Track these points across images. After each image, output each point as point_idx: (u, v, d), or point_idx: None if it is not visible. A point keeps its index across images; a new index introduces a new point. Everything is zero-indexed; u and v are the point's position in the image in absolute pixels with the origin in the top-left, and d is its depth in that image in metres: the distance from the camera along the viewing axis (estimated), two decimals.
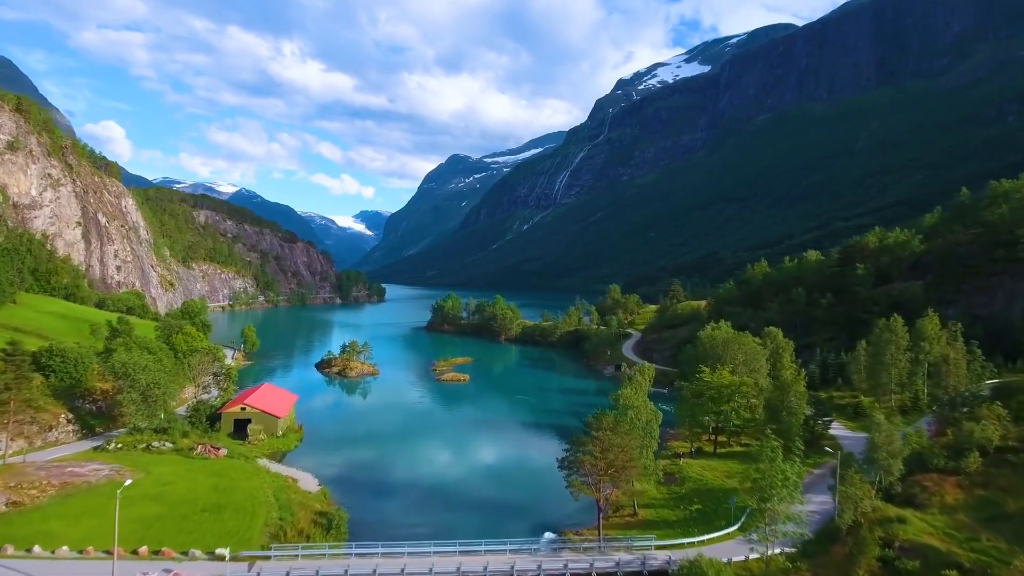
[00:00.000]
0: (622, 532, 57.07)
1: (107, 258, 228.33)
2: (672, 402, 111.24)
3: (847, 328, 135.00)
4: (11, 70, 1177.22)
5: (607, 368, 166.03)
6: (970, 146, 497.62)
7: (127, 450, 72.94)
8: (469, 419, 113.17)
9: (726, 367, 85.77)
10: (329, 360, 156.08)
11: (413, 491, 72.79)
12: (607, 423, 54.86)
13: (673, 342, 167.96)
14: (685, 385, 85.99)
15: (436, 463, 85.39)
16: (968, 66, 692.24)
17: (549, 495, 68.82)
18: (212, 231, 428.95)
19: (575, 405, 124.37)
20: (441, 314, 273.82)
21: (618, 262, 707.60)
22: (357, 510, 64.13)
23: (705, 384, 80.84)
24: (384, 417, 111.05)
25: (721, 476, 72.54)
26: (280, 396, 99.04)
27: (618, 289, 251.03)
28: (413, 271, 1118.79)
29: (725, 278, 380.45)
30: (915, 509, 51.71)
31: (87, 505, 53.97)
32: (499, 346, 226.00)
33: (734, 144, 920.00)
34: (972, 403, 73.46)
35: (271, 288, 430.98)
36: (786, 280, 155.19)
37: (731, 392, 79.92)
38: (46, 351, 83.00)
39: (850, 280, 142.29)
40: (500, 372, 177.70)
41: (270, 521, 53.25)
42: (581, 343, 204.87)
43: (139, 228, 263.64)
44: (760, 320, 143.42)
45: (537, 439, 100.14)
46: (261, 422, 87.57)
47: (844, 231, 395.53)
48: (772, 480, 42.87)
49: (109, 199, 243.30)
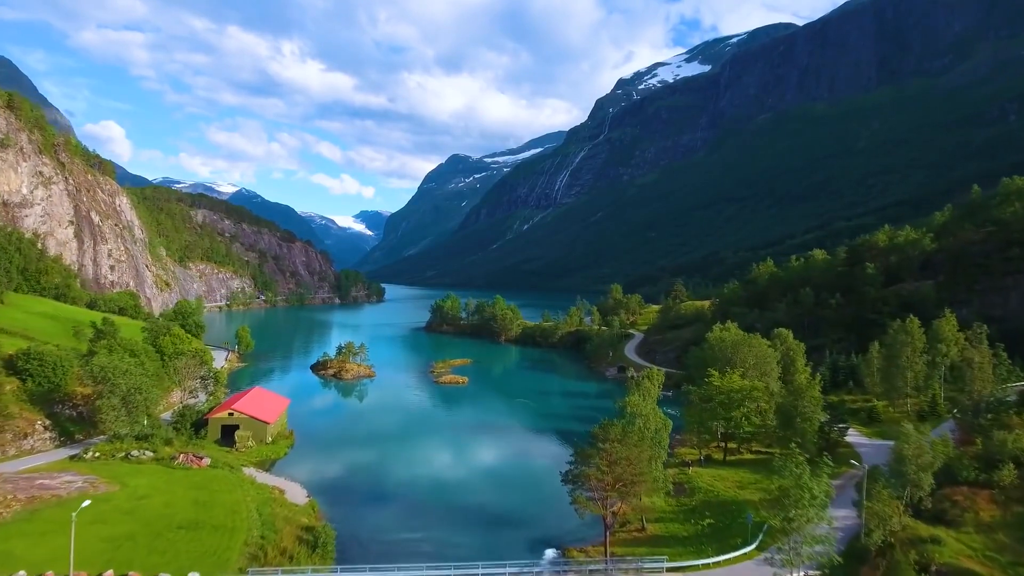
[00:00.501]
0: (630, 550, 53.12)
1: (100, 257, 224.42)
2: (677, 406, 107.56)
3: (856, 329, 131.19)
4: (11, 70, 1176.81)
5: (609, 370, 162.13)
6: (972, 146, 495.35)
7: (105, 459, 69.01)
8: (467, 424, 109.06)
9: (736, 370, 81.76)
10: (324, 362, 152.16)
11: (407, 502, 68.89)
12: (614, 434, 50.88)
13: (677, 343, 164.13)
14: (693, 389, 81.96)
15: (432, 471, 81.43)
16: (969, 66, 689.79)
17: (551, 506, 64.89)
18: (210, 230, 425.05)
19: (577, 409, 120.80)
20: (440, 314, 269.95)
21: (618, 262, 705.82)
22: (347, 524, 60.27)
23: (715, 388, 76.84)
24: (379, 422, 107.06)
25: (733, 487, 68.62)
26: (271, 400, 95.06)
27: (620, 289, 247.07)
28: (413, 271, 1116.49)
29: (726, 278, 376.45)
30: (948, 527, 47.83)
31: (55, 521, 50.01)
32: (499, 347, 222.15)
33: (735, 144, 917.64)
34: (998, 409, 69.60)
35: (269, 288, 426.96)
36: (793, 280, 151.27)
37: (742, 397, 75.91)
38: (23, 354, 79.06)
39: (859, 280, 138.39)
40: (500, 374, 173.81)
41: (251, 540, 49.31)
42: (582, 344, 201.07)
43: (134, 227, 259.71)
44: (767, 321, 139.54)
45: (538, 445, 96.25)
46: (250, 428, 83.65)
47: (846, 231, 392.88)
48: (798, 499, 38.99)
49: (103, 198, 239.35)
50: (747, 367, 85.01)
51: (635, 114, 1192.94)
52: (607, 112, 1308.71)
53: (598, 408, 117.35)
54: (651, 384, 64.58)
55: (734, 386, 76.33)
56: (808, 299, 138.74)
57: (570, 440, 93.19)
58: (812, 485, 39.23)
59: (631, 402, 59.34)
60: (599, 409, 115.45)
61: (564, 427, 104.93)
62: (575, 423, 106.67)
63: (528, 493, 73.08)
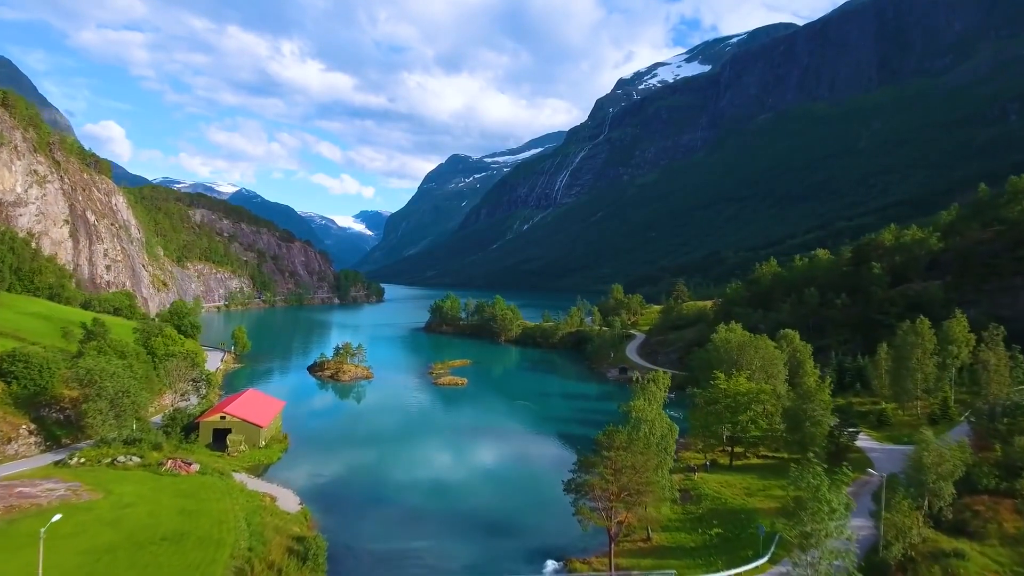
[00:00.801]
0: (636, 562, 50.78)
1: (96, 257, 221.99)
2: (681, 408, 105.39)
3: (862, 330, 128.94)
4: (10, 70, 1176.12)
5: (611, 371, 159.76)
6: (973, 145, 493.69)
7: (91, 465, 66.60)
8: (466, 427, 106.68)
9: (742, 373, 79.39)
10: (322, 363, 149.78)
11: (403, 509, 66.57)
12: (619, 441, 48.52)
13: (679, 344, 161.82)
14: (699, 392, 79.60)
15: (430, 476, 79.06)
16: (970, 65, 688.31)
17: (552, 513, 62.51)
18: (208, 230, 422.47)
19: (579, 411, 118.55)
20: (439, 315, 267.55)
21: (619, 262, 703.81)
22: (341, 533, 57.96)
23: (720, 391, 74.51)
24: (375, 424, 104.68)
25: (740, 493, 66.26)
26: (264, 403, 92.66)
27: (621, 289, 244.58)
28: (413, 271, 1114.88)
29: (727, 278, 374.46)
30: (971, 539, 45.48)
31: (31, 535, 47.48)
32: (499, 347, 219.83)
33: (735, 144, 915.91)
34: (1014, 413, 67.24)
35: (268, 288, 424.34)
36: (797, 280, 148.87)
37: (748, 400, 73.60)
38: (8, 356, 76.70)
39: (865, 280, 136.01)
40: (499, 375, 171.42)
41: (237, 552, 46.91)
42: (583, 345, 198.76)
43: (130, 227, 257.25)
44: (771, 322, 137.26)
45: (539, 449, 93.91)
46: (242, 432, 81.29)
47: (847, 231, 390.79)
48: (815, 511, 36.62)
49: (99, 197, 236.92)
50: (753, 369, 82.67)
51: (635, 114, 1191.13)
52: (607, 112, 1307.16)
53: (600, 411, 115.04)
54: (657, 388, 62.14)
55: (740, 389, 74.03)
56: (813, 299, 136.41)
57: (572, 444, 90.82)
58: (831, 498, 36.86)
59: (636, 407, 56.97)
60: (601, 412, 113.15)
61: (565, 430, 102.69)
62: (577, 426, 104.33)
63: (529, 499, 70.74)
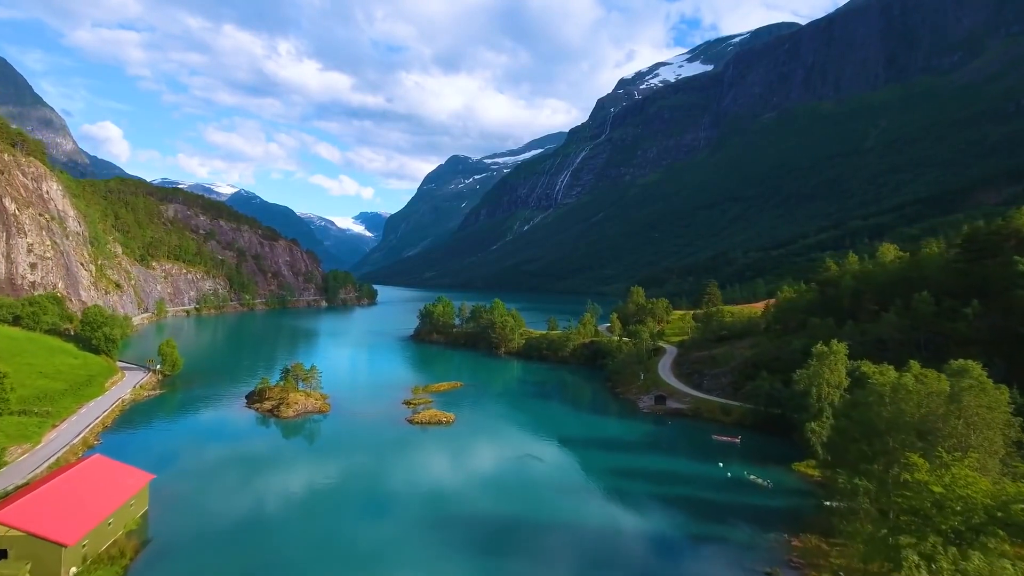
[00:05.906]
0: None
1: (15, 253, 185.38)
2: (760, 465, 70.11)
3: (1001, 349, 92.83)
4: (6, 69, 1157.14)
5: (643, 399, 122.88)
6: (987, 143, 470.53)
7: None
8: (447, 517, 65.89)
9: (952, 453, 42.68)
10: (262, 391, 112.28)
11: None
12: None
13: (732, 364, 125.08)
14: (864, 484, 42.92)
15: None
16: (980, 62, 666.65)
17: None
18: (181, 226, 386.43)
19: (614, 473, 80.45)
20: (430, 321, 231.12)
21: (622, 263, 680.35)
22: None
23: (931, 495, 37.97)
24: (305, 505, 67.24)
25: None
26: (103, 487, 55.15)
27: (642, 292, 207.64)
28: (412, 272, 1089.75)
29: (737, 279, 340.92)
30: None
31: None
32: (497, 361, 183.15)
33: (739, 143, 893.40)
34: None
35: (247, 290, 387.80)
36: (895, 280, 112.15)
37: (987, 517, 37.06)
38: None
39: (997, 279, 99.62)
40: (498, 405, 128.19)
41: None
42: (600, 359, 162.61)
43: (67, 219, 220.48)
44: (869, 338, 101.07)
45: (559, 558, 56.80)
46: (27, 554, 44.70)
47: (862, 230, 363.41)
48: None
49: (23, 182, 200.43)
50: (963, 441, 45.73)
51: (637, 114, 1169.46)
52: (608, 112, 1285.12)
53: (644, 471, 78.90)
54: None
55: (974, 493, 37.37)
56: (926, 307, 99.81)
57: (615, 545, 54.80)
58: None
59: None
60: (646, 473, 77.29)
61: (597, 513, 65.93)
62: (617, 503, 68.28)
63: None
